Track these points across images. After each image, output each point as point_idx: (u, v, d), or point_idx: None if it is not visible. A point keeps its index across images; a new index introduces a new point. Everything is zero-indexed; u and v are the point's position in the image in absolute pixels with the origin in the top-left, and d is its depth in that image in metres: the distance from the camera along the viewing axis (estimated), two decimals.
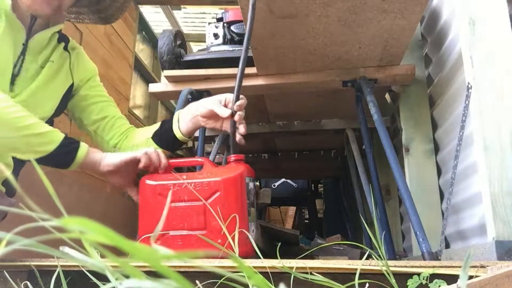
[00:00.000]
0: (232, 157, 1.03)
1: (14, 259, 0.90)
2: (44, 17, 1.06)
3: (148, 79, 3.64)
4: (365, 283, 0.64)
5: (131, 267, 0.17)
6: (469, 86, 1.06)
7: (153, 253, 0.17)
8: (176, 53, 1.76)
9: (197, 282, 0.61)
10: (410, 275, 0.71)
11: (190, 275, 0.74)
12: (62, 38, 1.18)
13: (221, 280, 0.66)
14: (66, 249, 0.19)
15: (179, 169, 1.13)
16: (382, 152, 1.51)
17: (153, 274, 0.26)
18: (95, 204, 2.36)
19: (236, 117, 1.04)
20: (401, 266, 0.72)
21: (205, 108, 1.10)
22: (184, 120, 1.14)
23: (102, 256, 0.22)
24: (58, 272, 0.46)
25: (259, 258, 0.73)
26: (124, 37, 2.89)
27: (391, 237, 1.33)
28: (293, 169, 3.26)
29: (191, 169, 1.40)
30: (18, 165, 1.06)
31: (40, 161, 0.95)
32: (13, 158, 1.03)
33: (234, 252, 0.80)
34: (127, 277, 0.22)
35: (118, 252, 0.16)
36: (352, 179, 2.22)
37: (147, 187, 1.03)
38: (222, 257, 0.80)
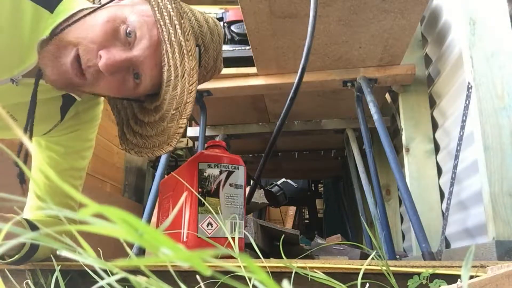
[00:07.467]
0: (210, 143, 0.97)
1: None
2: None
3: None
4: (365, 283, 0.65)
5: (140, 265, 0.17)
6: (469, 86, 1.06)
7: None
8: None
9: (199, 279, 0.61)
10: (410, 275, 0.71)
11: (191, 274, 0.74)
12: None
13: (222, 280, 0.66)
14: (64, 251, 0.19)
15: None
16: (382, 152, 1.51)
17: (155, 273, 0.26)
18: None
19: None
20: (401, 266, 0.72)
21: None
22: None
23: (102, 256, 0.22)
24: (60, 271, 0.47)
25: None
26: None
27: (391, 237, 1.32)
28: (293, 169, 3.26)
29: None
30: None
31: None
32: None
33: (234, 250, 0.80)
34: (127, 277, 0.22)
35: (117, 251, 0.16)
36: (352, 179, 2.22)
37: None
38: (223, 257, 0.80)
